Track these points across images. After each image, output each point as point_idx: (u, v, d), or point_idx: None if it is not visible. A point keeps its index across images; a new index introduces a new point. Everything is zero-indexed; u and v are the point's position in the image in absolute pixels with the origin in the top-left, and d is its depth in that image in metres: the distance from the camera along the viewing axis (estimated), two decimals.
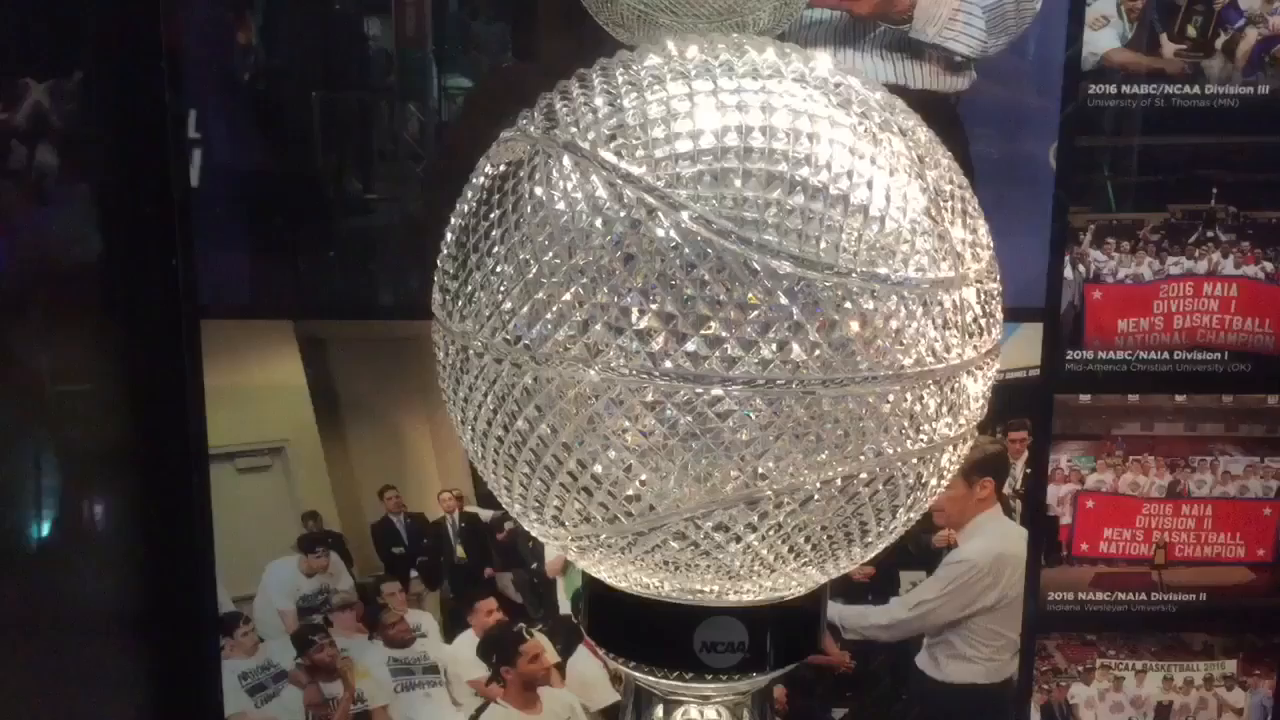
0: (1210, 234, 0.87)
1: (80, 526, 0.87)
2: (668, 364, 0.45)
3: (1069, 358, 0.89)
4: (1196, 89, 0.85)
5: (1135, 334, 0.89)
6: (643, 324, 0.45)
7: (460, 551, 0.92)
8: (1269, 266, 0.88)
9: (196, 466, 0.90)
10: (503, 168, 0.51)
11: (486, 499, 0.90)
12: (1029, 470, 0.91)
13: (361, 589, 0.92)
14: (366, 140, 0.87)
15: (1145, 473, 0.91)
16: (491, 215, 0.50)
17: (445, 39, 0.86)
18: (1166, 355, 0.89)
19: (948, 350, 0.48)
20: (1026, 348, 0.89)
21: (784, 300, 0.45)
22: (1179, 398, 0.90)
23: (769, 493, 0.47)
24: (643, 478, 0.47)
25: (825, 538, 0.50)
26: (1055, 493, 0.91)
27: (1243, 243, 0.87)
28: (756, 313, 0.45)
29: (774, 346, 0.45)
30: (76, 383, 0.87)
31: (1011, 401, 0.90)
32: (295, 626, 0.92)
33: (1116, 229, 0.87)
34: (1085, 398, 0.90)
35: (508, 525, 0.92)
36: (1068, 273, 0.88)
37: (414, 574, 0.93)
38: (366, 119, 0.87)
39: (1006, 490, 0.91)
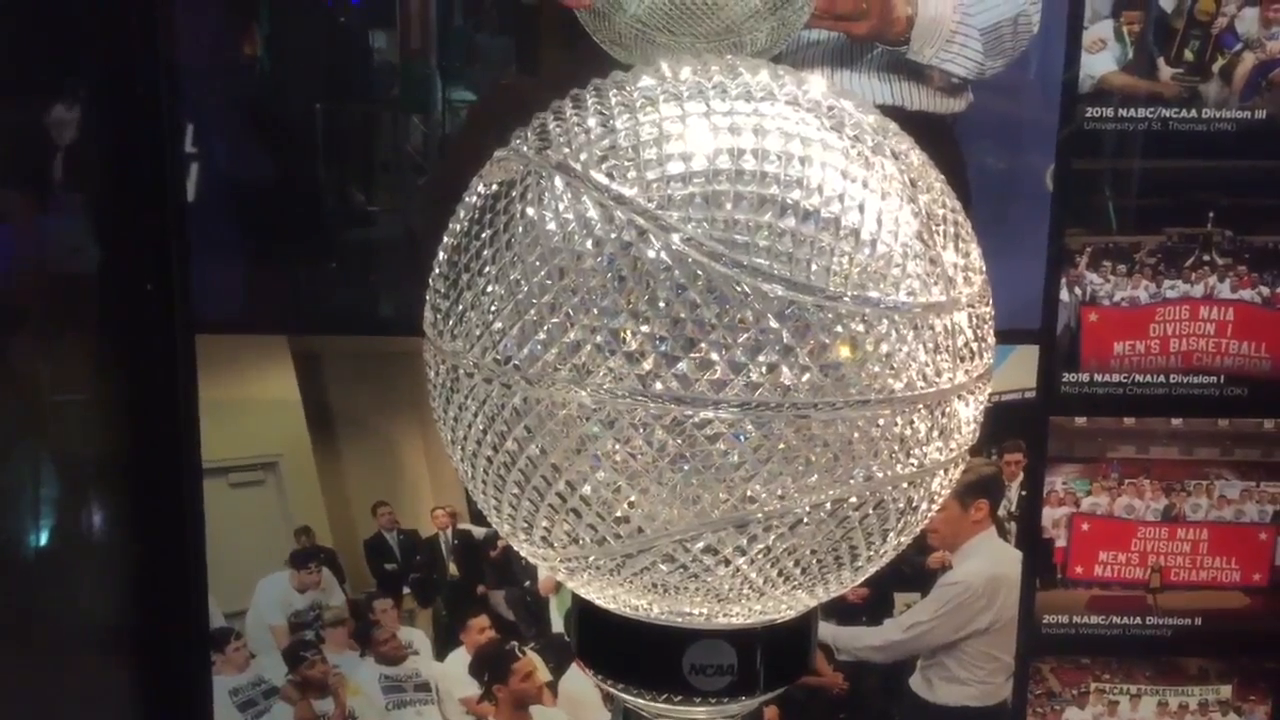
0: (1207, 258, 0.87)
1: (74, 539, 0.87)
2: (657, 386, 0.45)
3: (1065, 380, 0.89)
4: (1193, 113, 0.85)
5: (1131, 357, 0.88)
6: (633, 346, 0.45)
7: (453, 569, 0.92)
8: (1265, 290, 0.88)
9: (190, 480, 0.90)
10: (495, 187, 0.51)
11: (480, 516, 0.89)
12: (1024, 492, 0.91)
13: (354, 605, 0.92)
14: (370, 152, 0.87)
15: (1141, 496, 0.91)
16: (483, 235, 0.50)
17: (449, 52, 0.86)
18: (1162, 379, 0.89)
19: (939, 374, 0.48)
20: (1022, 370, 0.89)
21: (774, 323, 0.45)
22: (1175, 421, 0.90)
23: (758, 516, 0.47)
24: (631, 499, 0.47)
25: (815, 562, 0.50)
26: (1050, 515, 0.91)
27: (1239, 266, 0.87)
28: (747, 336, 0.45)
29: (764, 369, 0.45)
30: (72, 393, 0.86)
31: (1007, 423, 0.89)
32: (287, 642, 0.92)
33: (1113, 252, 0.87)
34: (1081, 420, 0.90)
35: (501, 543, 0.91)
36: (1064, 295, 0.88)
37: (406, 591, 0.92)
38: (370, 131, 0.87)
39: (1001, 512, 0.91)
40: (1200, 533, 0.91)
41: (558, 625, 0.92)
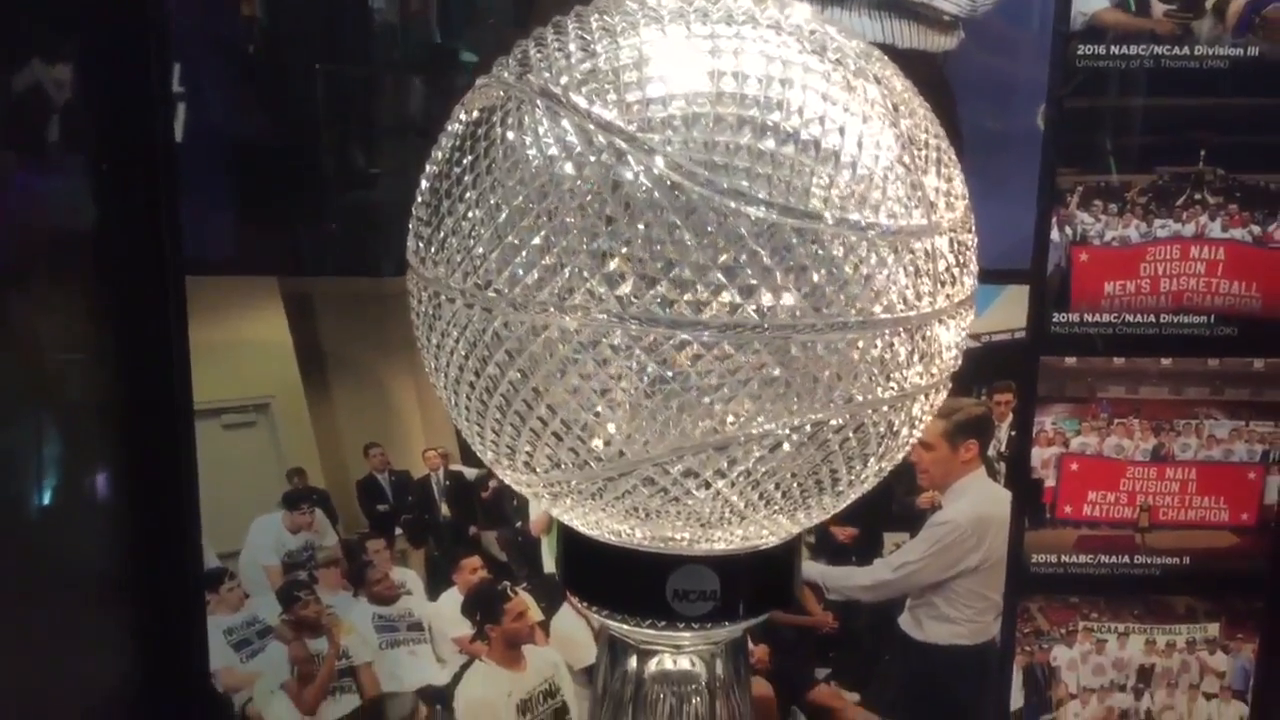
0: (1198, 196, 0.87)
1: (67, 484, 0.87)
2: (636, 308, 0.45)
3: (1055, 320, 0.89)
4: (1186, 50, 0.84)
5: (1121, 297, 0.88)
6: (612, 268, 0.45)
7: (445, 509, 0.93)
8: (1257, 230, 0.87)
9: (183, 423, 0.90)
10: (476, 114, 0.51)
11: (471, 457, 0.90)
12: (1013, 432, 0.91)
13: (346, 546, 0.92)
14: (370, 113, 0.87)
15: (1130, 436, 0.91)
16: (464, 161, 0.50)
17: (450, 12, 0.85)
18: (1153, 318, 0.89)
19: (919, 298, 0.48)
20: (1012, 310, 0.89)
21: (754, 245, 0.45)
22: (1164, 361, 0.90)
23: (738, 438, 0.47)
24: (611, 423, 0.48)
25: (795, 485, 0.50)
26: (1039, 455, 0.91)
27: (1231, 205, 0.87)
28: (726, 257, 0.45)
29: (743, 292, 0.45)
30: (62, 341, 0.86)
31: (997, 364, 0.89)
32: (280, 583, 0.93)
33: (1104, 191, 0.87)
34: (1071, 360, 0.90)
35: (492, 484, 0.92)
36: (1054, 235, 0.87)
37: (399, 531, 0.93)
38: (370, 92, 0.87)
39: (991, 452, 0.91)
40: (1189, 472, 0.92)
41: (549, 566, 0.93)
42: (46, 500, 0.85)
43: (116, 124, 0.87)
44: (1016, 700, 0.96)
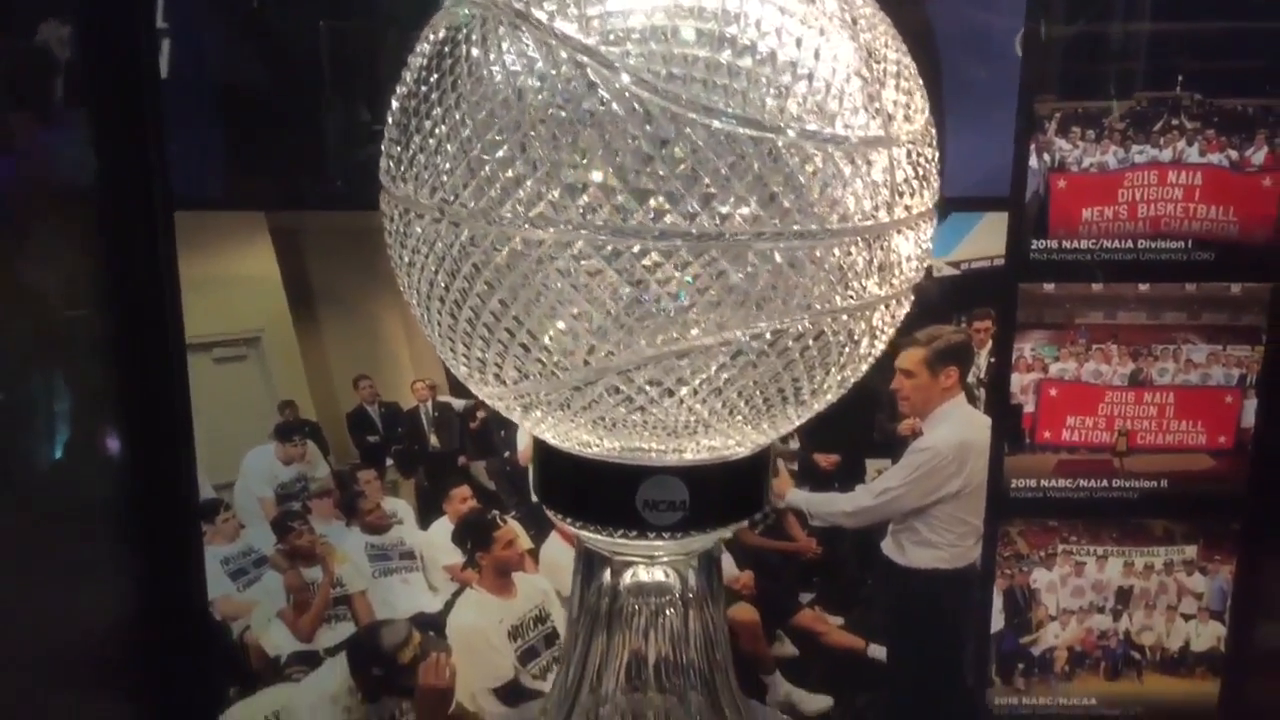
0: (1175, 122, 0.87)
1: (67, 421, 0.89)
2: (597, 219, 0.47)
3: (1033, 247, 0.90)
4: None
5: (1099, 222, 0.89)
6: (573, 179, 0.46)
7: (434, 440, 0.94)
8: (1234, 154, 0.88)
9: (176, 357, 0.91)
10: (443, 33, 0.52)
11: (459, 388, 0.91)
12: (993, 359, 0.92)
13: (338, 476, 0.94)
14: (374, 70, 0.87)
15: (1108, 361, 0.92)
16: (431, 79, 0.51)
17: None
18: (1130, 244, 0.90)
19: (877, 209, 0.50)
20: (991, 237, 0.89)
21: (712, 155, 0.46)
22: (1142, 286, 0.90)
23: (699, 346, 0.49)
24: (576, 332, 0.49)
25: (759, 394, 0.51)
26: (1019, 381, 0.92)
27: (1208, 130, 0.87)
28: (684, 167, 0.46)
29: (702, 201, 0.46)
30: (58, 280, 0.88)
31: (976, 291, 0.90)
32: (275, 513, 0.94)
33: (1081, 117, 0.87)
34: (1049, 287, 0.90)
35: (480, 414, 0.93)
36: (1033, 162, 0.88)
37: (389, 462, 0.94)
38: (374, 48, 0.87)
39: (971, 379, 0.92)
40: (1167, 396, 0.93)
41: None
42: (49, 437, 0.86)
43: (105, 66, 0.87)
44: (997, 623, 0.98)
